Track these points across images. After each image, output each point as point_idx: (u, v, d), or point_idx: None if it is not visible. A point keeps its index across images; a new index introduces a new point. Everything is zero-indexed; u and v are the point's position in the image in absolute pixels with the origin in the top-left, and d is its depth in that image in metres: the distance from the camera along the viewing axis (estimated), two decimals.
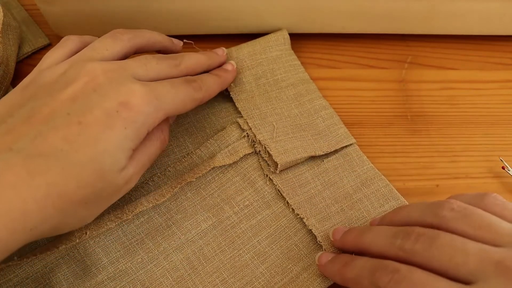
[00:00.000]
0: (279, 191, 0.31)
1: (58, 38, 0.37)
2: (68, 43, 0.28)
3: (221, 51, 0.34)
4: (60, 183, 0.22)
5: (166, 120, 0.28)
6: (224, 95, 0.34)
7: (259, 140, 0.32)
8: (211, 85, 0.30)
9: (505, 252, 0.21)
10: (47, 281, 0.27)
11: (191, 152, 0.32)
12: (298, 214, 0.30)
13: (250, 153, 0.32)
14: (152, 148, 0.27)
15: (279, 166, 0.31)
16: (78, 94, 0.24)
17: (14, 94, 0.25)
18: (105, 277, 0.27)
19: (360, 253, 0.26)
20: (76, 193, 0.23)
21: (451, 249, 0.22)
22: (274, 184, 0.31)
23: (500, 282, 0.20)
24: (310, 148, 0.32)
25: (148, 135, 0.26)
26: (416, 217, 0.25)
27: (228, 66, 0.33)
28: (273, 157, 0.31)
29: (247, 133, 0.32)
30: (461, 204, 0.24)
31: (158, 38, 0.30)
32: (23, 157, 0.22)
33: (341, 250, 0.29)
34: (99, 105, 0.24)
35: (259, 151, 0.32)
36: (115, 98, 0.24)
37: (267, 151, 0.31)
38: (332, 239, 0.29)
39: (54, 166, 0.22)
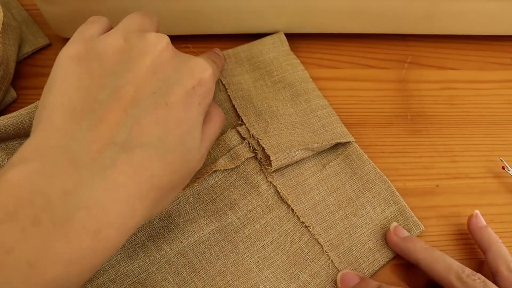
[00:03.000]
0: (283, 198, 0.31)
1: (58, 38, 0.37)
2: (101, 20, 0.26)
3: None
4: (158, 174, 0.22)
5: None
6: (224, 96, 0.34)
7: (252, 135, 0.32)
8: (219, 62, 0.32)
9: None
10: None
11: None
12: (304, 222, 0.30)
13: (252, 157, 0.32)
14: (217, 125, 0.27)
15: (272, 159, 0.30)
16: (157, 67, 0.23)
17: (75, 70, 0.23)
18: (106, 280, 0.27)
19: None
20: (169, 180, 0.23)
21: None
22: (278, 191, 0.31)
23: None
24: (304, 142, 0.32)
25: (212, 113, 0.27)
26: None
27: (220, 52, 0.34)
28: (266, 151, 0.31)
29: (248, 141, 0.32)
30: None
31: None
32: (126, 151, 0.21)
33: None
34: (179, 83, 0.24)
35: (260, 158, 0.32)
36: (191, 75, 0.24)
37: (260, 145, 0.31)
38: (339, 286, 0.29)
39: (154, 156, 0.22)
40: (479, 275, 0.26)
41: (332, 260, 0.29)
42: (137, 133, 0.22)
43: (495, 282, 0.27)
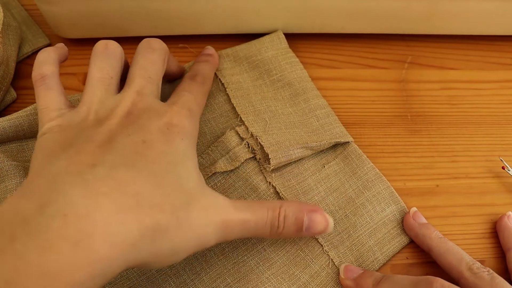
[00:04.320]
0: (283, 199, 0.31)
1: (58, 38, 0.37)
2: (52, 83, 0.26)
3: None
4: (148, 193, 0.21)
5: None
6: (224, 98, 0.34)
7: (251, 133, 0.32)
8: (208, 72, 0.32)
9: None
10: None
11: None
12: None
13: (251, 158, 0.32)
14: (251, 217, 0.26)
15: (270, 157, 0.30)
16: (124, 121, 0.24)
17: (53, 137, 0.24)
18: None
19: None
20: (164, 203, 0.22)
21: None
22: (277, 191, 0.31)
23: None
24: (302, 141, 0.32)
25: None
26: None
27: (210, 51, 0.35)
28: (265, 149, 0.31)
29: (247, 142, 0.32)
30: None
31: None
32: (108, 169, 0.21)
33: None
34: (152, 125, 0.24)
35: (259, 158, 0.32)
36: (160, 119, 0.25)
37: (259, 142, 0.31)
38: (342, 277, 0.29)
39: (140, 175, 0.21)
40: (488, 268, 0.27)
41: (332, 260, 0.29)
42: (119, 158, 0.22)
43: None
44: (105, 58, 0.27)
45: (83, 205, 0.19)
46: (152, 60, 0.28)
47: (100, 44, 0.27)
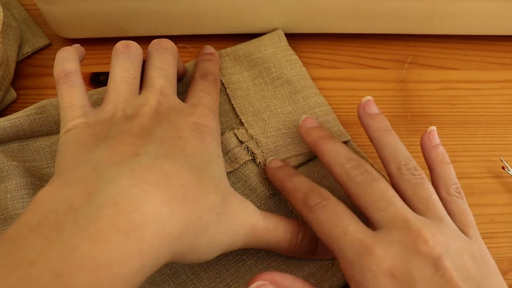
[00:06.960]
0: (282, 201, 0.31)
1: (58, 38, 0.37)
2: (76, 80, 0.26)
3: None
4: (192, 186, 0.21)
5: None
6: (224, 98, 0.34)
7: (250, 135, 0.32)
8: (216, 70, 0.33)
9: (418, 219, 0.23)
10: None
11: None
12: None
13: (250, 159, 0.32)
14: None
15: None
16: (155, 118, 0.24)
17: (82, 132, 0.24)
18: None
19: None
20: (205, 199, 0.22)
21: (381, 194, 0.24)
22: (278, 193, 0.31)
23: (398, 234, 0.22)
24: (302, 145, 0.32)
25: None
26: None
27: (211, 50, 0.35)
28: (264, 154, 0.31)
29: (246, 145, 0.32)
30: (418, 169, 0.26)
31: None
32: (153, 160, 0.21)
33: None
34: (182, 123, 0.24)
35: (259, 162, 0.32)
36: (188, 118, 0.25)
37: (258, 145, 0.31)
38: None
39: (184, 168, 0.21)
40: (421, 172, 0.26)
41: (332, 260, 0.29)
42: (159, 149, 0.22)
43: None
44: (128, 58, 0.27)
45: (133, 194, 0.18)
46: (166, 60, 0.28)
47: (121, 44, 0.28)
